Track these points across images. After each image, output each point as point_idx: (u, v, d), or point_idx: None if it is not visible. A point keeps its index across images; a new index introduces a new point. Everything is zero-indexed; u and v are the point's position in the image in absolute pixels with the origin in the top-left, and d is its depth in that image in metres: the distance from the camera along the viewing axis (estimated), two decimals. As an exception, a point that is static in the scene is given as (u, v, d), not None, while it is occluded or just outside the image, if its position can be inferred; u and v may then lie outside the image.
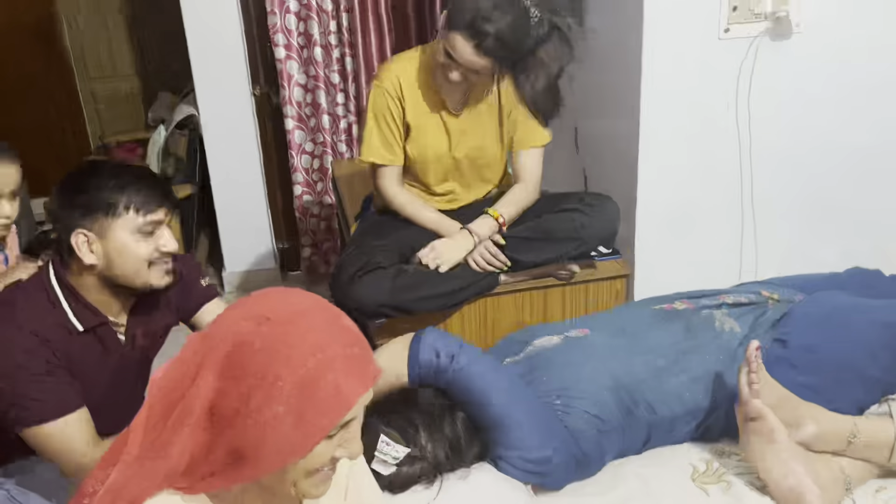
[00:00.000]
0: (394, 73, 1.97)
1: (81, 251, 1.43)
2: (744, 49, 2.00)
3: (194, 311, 1.72)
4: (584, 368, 1.53)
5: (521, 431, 1.38)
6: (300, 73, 3.28)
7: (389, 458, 1.33)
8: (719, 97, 2.05)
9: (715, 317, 1.64)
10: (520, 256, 1.99)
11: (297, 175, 3.40)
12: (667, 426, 1.53)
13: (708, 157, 2.10)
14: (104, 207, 1.42)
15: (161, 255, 1.48)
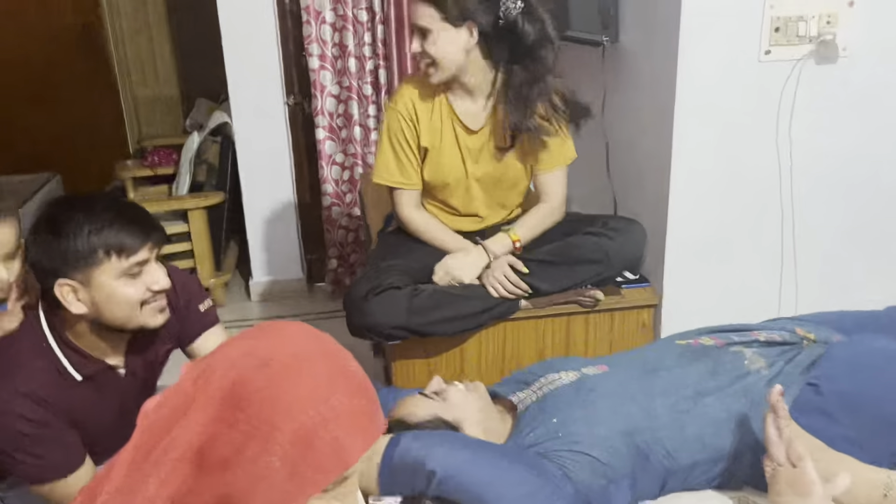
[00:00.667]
0: (407, 96, 1.92)
1: (68, 301, 1.36)
2: (786, 72, 1.90)
3: (193, 339, 1.65)
4: (597, 411, 1.44)
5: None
6: (333, 84, 3.26)
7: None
8: (758, 122, 1.95)
9: (745, 355, 1.54)
10: (540, 282, 1.92)
11: (326, 186, 3.38)
12: (685, 472, 1.44)
13: (745, 185, 2.00)
14: (83, 256, 1.33)
15: (153, 294, 1.41)
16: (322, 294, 3.62)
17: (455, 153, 1.94)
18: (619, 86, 2.20)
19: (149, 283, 1.40)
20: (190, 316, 1.62)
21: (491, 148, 1.95)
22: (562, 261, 1.94)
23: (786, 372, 1.50)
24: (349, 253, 3.51)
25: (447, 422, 1.46)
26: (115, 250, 1.34)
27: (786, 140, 1.96)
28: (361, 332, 1.83)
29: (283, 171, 3.48)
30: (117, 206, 1.40)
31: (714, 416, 1.44)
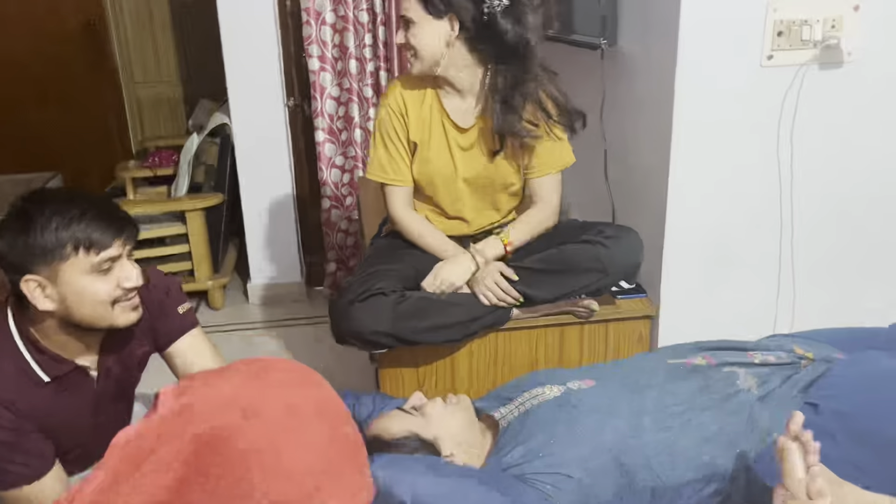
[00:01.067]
0: (397, 91, 1.92)
1: (35, 297, 1.31)
2: (788, 78, 1.85)
3: (170, 343, 1.59)
4: (580, 429, 1.38)
5: None
6: (333, 86, 3.22)
7: None
8: (759, 129, 1.89)
9: (737, 374, 1.49)
10: (534, 290, 1.88)
11: (325, 189, 3.35)
12: (673, 492, 1.38)
13: (745, 193, 1.94)
14: (51, 250, 1.28)
15: (125, 291, 1.36)
16: (320, 298, 3.58)
17: (444, 150, 1.91)
18: (617, 90, 2.14)
19: (121, 279, 1.34)
20: (168, 318, 1.57)
21: (481, 147, 1.91)
22: (556, 269, 1.89)
23: (781, 391, 1.44)
24: (348, 256, 3.48)
25: (424, 439, 1.42)
26: (84, 245, 1.29)
27: (787, 147, 1.90)
28: (346, 339, 1.79)
29: (283, 174, 3.45)
30: (88, 201, 1.34)
31: (703, 435, 1.38)
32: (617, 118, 2.16)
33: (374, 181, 1.98)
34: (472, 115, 1.90)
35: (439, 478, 1.28)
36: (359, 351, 2.89)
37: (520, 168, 1.95)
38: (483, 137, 1.91)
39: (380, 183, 1.98)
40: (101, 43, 4.78)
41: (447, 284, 1.86)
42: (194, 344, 1.60)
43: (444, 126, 1.91)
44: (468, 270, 1.88)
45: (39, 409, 1.38)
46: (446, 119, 1.90)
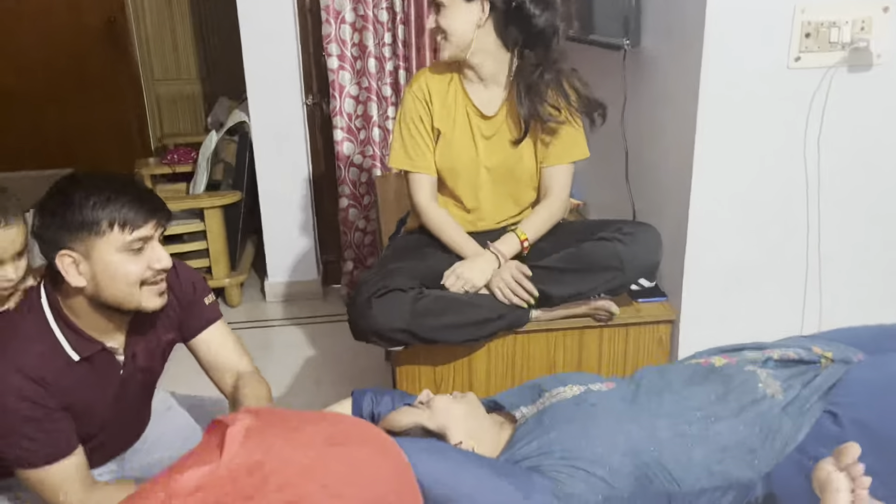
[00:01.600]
0: (422, 79, 1.96)
1: (68, 273, 1.35)
2: (816, 81, 1.81)
3: (196, 333, 1.63)
4: (595, 428, 1.36)
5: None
6: (352, 85, 3.22)
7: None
8: (786, 132, 1.86)
9: (758, 377, 1.45)
10: (552, 288, 1.86)
11: (343, 187, 3.34)
12: (691, 498, 1.35)
13: (770, 198, 1.91)
14: (87, 226, 1.32)
15: (154, 273, 1.40)
16: (337, 297, 3.58)
17: (467, 137, 1.93)
18: (640, 92, 2.12)
19: (151, 261, 1.38)
20: (194, 309, 1.61)
21: (504, 135, 1.93)
22: (574, 267, 1.87)
23: (802, 397, 1.40)
24: (365, 256, 3.47)
25: (430, 430, 1.41)
26: (119, 223, 1.33)
27: (814, 151, 1.87)
28: (364, 336, 1.79)
29: (301, 172, 3.45)
30: (125, 183, 1.39)
31: (722, 443, 1.35)
32: (639, 119, 2.14)
33: (397, 169, 1.99)
34: (496, 103, 1.92)
35: (440, 458, 1.27)
36: (375, 351, 2.90)
37: (539, 159, 1.95)
38: (507, 125, 1.92)
39: (403, 171, 1.98)
40: (122, 40, 4.82)
41: (469, 284, 1.85)
42: (219, 335, 1.64)
43: (468, 114, 1.93)
44: (489, 269, 1.88)
45: (67, 388, 1.39)
46: (470, 107, 1.93)
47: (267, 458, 0.79)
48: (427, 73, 1.98)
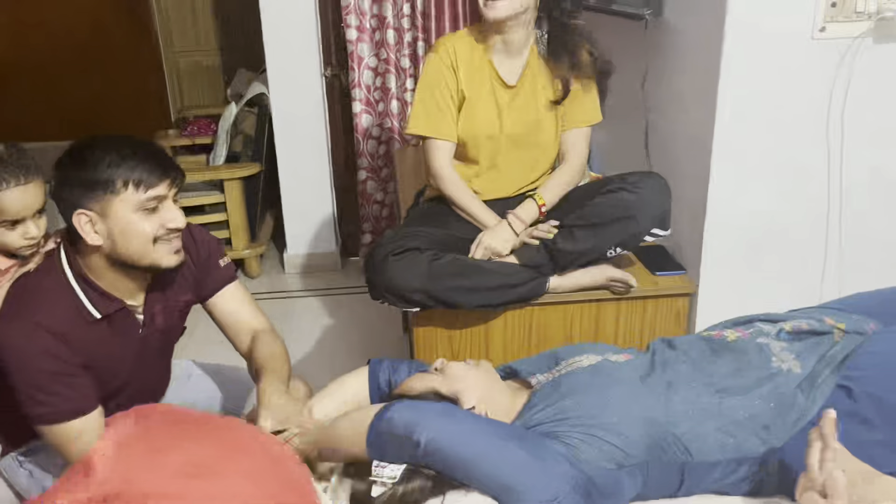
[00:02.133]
0: (449, 44, 1.94)
1: (85, 232, 1.38)
2: (841, 51, 1.78)
3: (211, 294, 1.67)
4: (613, 396, 1.37)
5: (516, 493, 1.23)
6: (371, 56, 3.21)
7: (385, 478, 1.24)
8: (809, 104, 1.83)
9: (772, 350, 1.45)
10: (567, 245, 1.85)
11: (362, 160, 3.35)
12: (704, 471, 1.36)
13: (791, 172, 1.89)
14: (102, 185, 1.35)
15: (167, 231, 1.42)
16: (355, 269, 3.60)
17: (490, 106, 1.94)
18: (661, 62, 2.10)
19: (165, 220, 1.41)
20: (210, 269, 1.64)
21: (526, 105, 1.94)
22: (587, 223, 1.85)
23: (816, 371, 1.40)
24: (383, 228, 3.48)
25: (444, 395, 1.42)
26: (134, 182, 1.36)
27: (837, 124, 1.84)
28: (380, 293, 1.81)
29: (319, 144, 3.45)
30: (140, 143, 1.42)
31: (735, 418, 1.36)
32: (659, 91, 2.11)
33: (415, 135, 1.98)
34: (517, 73, 1.93)
35: (452, 421, 1.29)
36: (392, 323, 2.92)
37: (559, 127, 1.96)
38: (529, 95, 1.93)
39: (421, 138, 1.98)
40: (142, 12, 4.82)
41: (493, 253, 1.88)
42: (235, 295, 1.68)
43: (492, 83, 1.93)
44: (511, 238, 1.90)
45: (89, 345, 1.42)
46: (494, 76, 1.93)
47: (125, 489, 0.81)
48: (452, 38, 1.97)
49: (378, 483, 1.25)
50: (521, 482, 1.23)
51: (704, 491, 1.38)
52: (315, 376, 2.16)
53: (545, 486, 1.23)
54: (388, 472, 1.25)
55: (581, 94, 1.95)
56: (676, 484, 1.37)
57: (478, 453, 1.25)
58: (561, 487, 1.23)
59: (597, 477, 1.28)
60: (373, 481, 1.25)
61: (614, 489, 1.30)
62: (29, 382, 1.36)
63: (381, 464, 1.26)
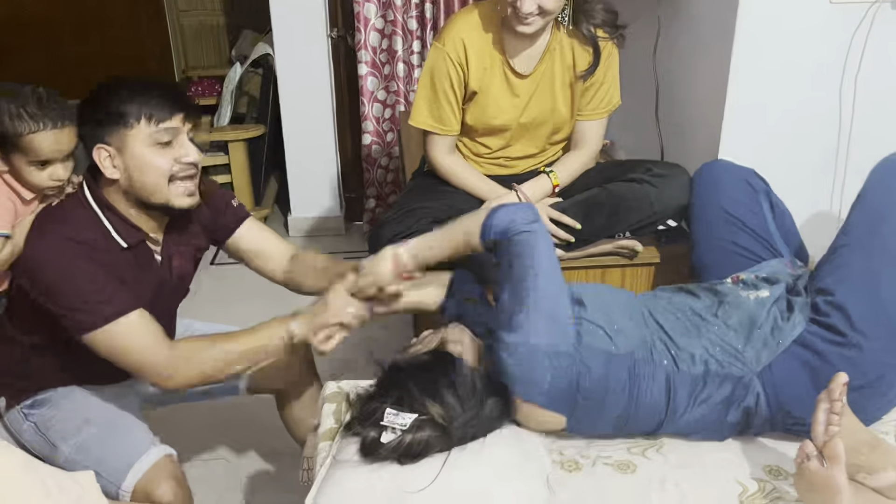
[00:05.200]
0: (457, 36, 1.81)
1: (104, 165, 1.42)
2: (858, 16, 1.75)
3: (228, 234, 1.70)
4: (611, 296, 1.51)
5: (529, 315, 1.34)
6: (377, 18, 3.16)
7: (397, 426, 1.27)
8: (823, 70, 1.81)
9: (741, 289, 1.54)
10: (583, 225, 1.84)
11: (367, 123, 3.32)
12: (691, 384, 1.40)
13: (802, 139, 1.87)
14: (116, 118, 1.39)
15: (182, 167, 1.44)
16: (358, 233, 3.59)
17: (503, 98, 1.87)
18: (673, 25, 2.06)
19: (179, 155, 1.43)
20: (225, 210, 1.68)
21: (541, 93, 1.87)
22: (603, 207, 1.86)
23: (788, 296, 1.49)
24: (388, 193, 3.47)
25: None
26: (146, 115, 1.39)
27: (850, 90, 1.82)
28: None
29: (324, 107, 3.42)
30: (154, 80, 1.47)
31: (713, 339, 1.44)
32: (671, 56, 2.09)
33: (418, 128, 1.93)
34: (533, 62, 1.84)
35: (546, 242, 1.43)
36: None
37: (573, 112, 1.90)
38: (543, 83, 1.86)
39: (422, 130, 1.94)
40: (146, -30, 4.75)
41: None
42: (255, 227, 1.72)
43: (504, 73, 1.85)
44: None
45: (118, 270, 1.45)
46: (507, 66, 1.85)
47: None
48: (462, 27, 1.83)
49: (389, 430, 1.27)
50: (543, 314, 1.36)
51: (696, 424, 1.41)
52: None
53: (550, 333, 1.35)
54: (399, 419, 1.27)
55: (602, 81, 1.87)
56: (664, 403, 1.40)
57: (544, 269, 1.38)
58: (559, 347, 1.35)
59: (590, 359, 1.37)
60: (384, 427, 1.28)
61: (602, 373, 1.37)
62: (68, 291, 1.38)
63: (393, 411, 1.28)
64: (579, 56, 1.84)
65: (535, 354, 1.34)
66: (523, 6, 1.65)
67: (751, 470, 1.38)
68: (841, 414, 1.20)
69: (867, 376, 1.36)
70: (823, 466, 1.18)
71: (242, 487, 2.09)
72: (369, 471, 1.29)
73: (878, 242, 1.43)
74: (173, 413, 1.92)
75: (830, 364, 1.36)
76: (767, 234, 1.66)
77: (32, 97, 1.43)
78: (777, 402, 1.40)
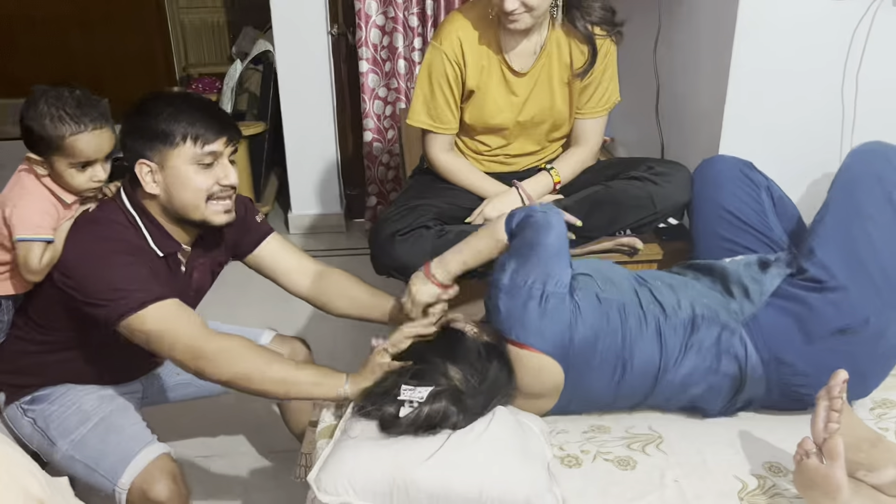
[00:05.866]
0: (454, 35, 1.81)
1: (145, 181, 1.45)
2: (859, 14, 1.75)
3: (251, 250, 1.71)
4: (604, 264, 1.61)
5: (527, 261, 1.42)
6: (379, 14, 3.16)
7: (414, 399, 1.30)
8: (824, 66, 1.80)
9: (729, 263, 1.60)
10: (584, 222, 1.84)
11: (367, 121, 3.31)
12: (681, 330, 1.46)
13: (803, 136, 1.87)
14: (162, 137, 1.41)
15: (221, 188, 1.47)
16: (359, 231, 3.59)
17: (501, 96, 1.86)
18: (674, 23, 2.06)
19: (219, 176, 1.46)
20: (249, 226, 1.69)
21: (538, 91, 1.86)
22: (605, 205, 1.85)
23: (766, 260, 1.56)
24: (389, 191, 3.46)
25: None
26: (192, 136, 1.42)
27: (851, 87, 1.81)
28: (386, 271, 1.80)
29: (325, 104, 3.42)
30: (200, 101, 1.50)
31: (698, 293, 1.51)
32: (671, 52, 2.08)
33: (416, 126, 1.93)
34: (530, 61, 1.84)
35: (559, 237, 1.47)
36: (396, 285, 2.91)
37: (573, 110, 1.90)
38: (541, 81, 1.85)
39: (420, 128, 1.93)
40: (147, -34, 4.75)
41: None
42: (279, 243, 1.74)
43: (502, 72, 1.84)
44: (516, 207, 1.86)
45: (153, 273, 1.47)
46: (504, 65, 1.84)
47: None
48: (460, 26, 1.82)
49: (406, 404, 1.30)
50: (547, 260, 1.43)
51: (692, 376, 1.46)
52: (316, 338, 2.17)
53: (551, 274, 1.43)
54: (416, 394, 1.30)
55: (601, 79, 1.86)
56: (657, 349, 1.45)
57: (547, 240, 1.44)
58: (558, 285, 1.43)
59: (582, 298, 1.44)
60: (401, 402, 1.30)
61: (593, 311, 1.43)
62: (105, 279, 1.39)
63: (409, 387, 1.31)
64: (576, 54, 1.83)
65: (528, 291, 1.40)
66: (506, 4, 1.65)
67: (750, 466, 1.39)
68: (840, 411, 1.20)
69: (851, 318, 1.42)
70: (823, 463, 1.18)
71: (239, 485, 2.09)
72: (373, 448, 1.30)
73: (853, 203, 1.49)
74: (171, 411, 1.92)
75: (814, 309, 1.44)
76: (769, 230, 1.67)
77: (71, 98, 1.43)
78: (767, 350, 1.45)
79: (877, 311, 1.42)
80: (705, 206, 1.75)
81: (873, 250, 1.45)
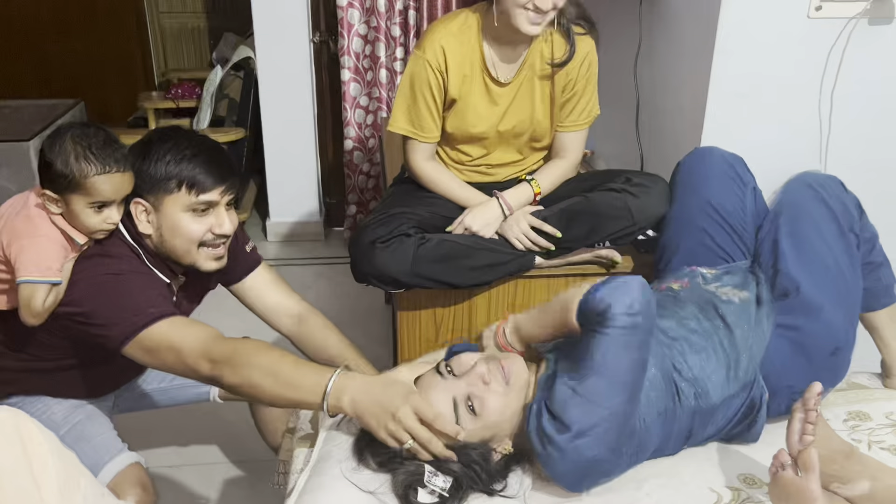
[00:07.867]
0: (437, 43, 1.80)
1: (139, 219, 1.44)
2: (836, 31, 1.78)
3: (237, 280, 1.69)
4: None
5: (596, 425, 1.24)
6: (361, 23, 3.16)
7: (437, 488, 1.26)
8: (802, 83, 1.83)
9: (715, 290, 1.55)
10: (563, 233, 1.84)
11: (349, 129, 3.31)
12: (709, 412, 1.42)
13: (781, 151, 1.89)
14: (158, 181, 1.40)
15: (214, 236, 1.45)
16: (338, 239, 3.58)
17: (482, 106, 1.86)
18: (654, 39, 2.08)
19: (213, 225, 1.44)
20: (237, 255, 1.65)
21: (520, 101, 1.86)
22: (584, 216, 1.86)
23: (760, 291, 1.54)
24: (369, 199, 3.45)
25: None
26: (188, 184, 1.40)
27: (827, 104, 1.84)
28: (366, 279, 1.78)
29: (306, 112, 3.41)
30: (204, 146, 1.45)
31: (729, 353, 1.46)
32: (652, 68, 2.10)
33: (398, 133, 1.92)
34: (513, 70, 1.84)
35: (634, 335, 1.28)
36: (375, 293, 2.91)
37: (553, 122, 1.91)
38: (523, 91, 1.85)
39: (402, 136, 1.93)
40: (127, -30, 4.72)
41: (478, 232, 1.84)
42: (264, 277, 1.72)
43: (484, 81, 1.84)
44: (497, 218, 1.86)
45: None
46: (487, 75, 1.84)
47: None
48: (443, 35, 1.81)
49: (428, 489, 1.26)
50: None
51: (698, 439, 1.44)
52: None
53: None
54: (440, 481, 1.26)
55: (582, 92, 1.86)
56: (685, 436, 1.41)
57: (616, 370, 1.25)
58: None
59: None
60: (423, 486, 1.26)
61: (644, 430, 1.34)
62: (119, 302, 1.37)
63: (433, 471, 1.27)
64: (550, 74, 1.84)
65: (587, 466, 1.28)
66: (543, 3, 1.64)
67: (725, 478, 1.39)
68: (816, 423, 1.21)
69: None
70: (798, 475, 1.19)
71: (214, 494, 2.06)
72: (347, 485, 1.27)
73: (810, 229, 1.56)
74: (144, 419, 1.90)
75: (809, 333, 1.48)
76: (744, 231, 1.66)
77: (96, 138, 1.38)
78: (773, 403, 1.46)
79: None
80: (690, 195, 1.72)
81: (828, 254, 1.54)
